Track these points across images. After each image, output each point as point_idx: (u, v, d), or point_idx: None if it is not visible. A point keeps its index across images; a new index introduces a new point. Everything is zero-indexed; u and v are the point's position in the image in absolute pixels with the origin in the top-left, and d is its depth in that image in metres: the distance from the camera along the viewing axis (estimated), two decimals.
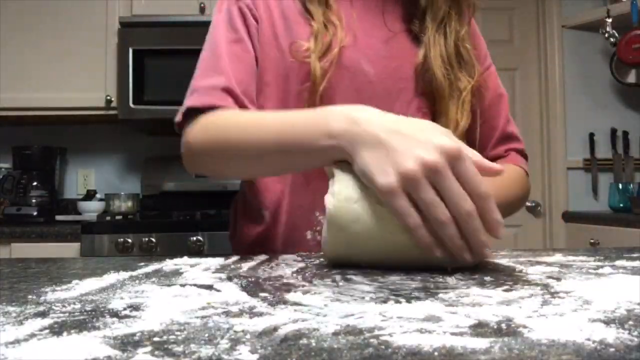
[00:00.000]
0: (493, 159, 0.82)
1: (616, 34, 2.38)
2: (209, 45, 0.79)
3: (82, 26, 2.23)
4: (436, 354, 0.27)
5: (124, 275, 0.53)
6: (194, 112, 0.72)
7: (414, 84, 0.79)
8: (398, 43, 0.80)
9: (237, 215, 0.90)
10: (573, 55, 2.60)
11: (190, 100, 0.73)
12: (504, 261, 0.59)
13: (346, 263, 0.55)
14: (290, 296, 0.42)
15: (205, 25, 0.85)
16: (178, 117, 0.75)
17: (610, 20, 2.38)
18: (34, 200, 2.26)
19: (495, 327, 0.32)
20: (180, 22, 2.16)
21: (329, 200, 0.52)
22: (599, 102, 2.60)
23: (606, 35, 2.40)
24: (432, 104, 0.79)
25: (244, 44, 0.77)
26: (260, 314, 0.36)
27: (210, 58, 0.76)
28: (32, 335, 0.31)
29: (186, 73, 0.75)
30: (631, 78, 2.52)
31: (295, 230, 0.79)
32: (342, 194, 0.52)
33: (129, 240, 1.87)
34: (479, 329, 0.32)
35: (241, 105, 0.73)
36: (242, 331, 0.32)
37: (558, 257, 0.63)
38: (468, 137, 0.79)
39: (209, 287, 0.46)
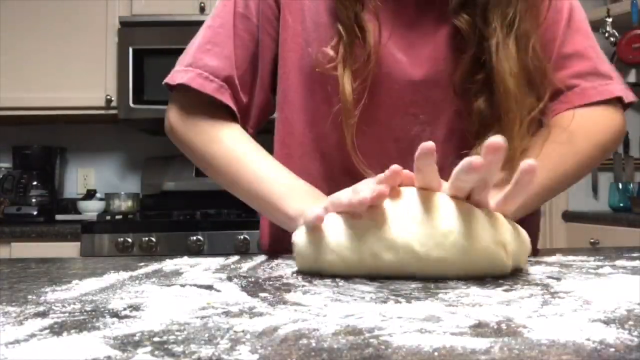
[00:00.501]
0: (554, 96, 0.67)
1: (616, 34, 2.38)
2: (217, 16, 0.73)
3: (82, 26, 2.22)
4: (436, 354, 0.27)
5: (124, 275, 0.53)
6: (187, 89, 0.70)
7: (453, 96, 0.66)
8: (441, 43, 0.67)
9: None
10: None
11: (187, 76, 0.70)
12: None
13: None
14: (290, 296, 0.42)
15: None
16: (170, 80, 0.73)
17: (610, 19, 2.38)
18: (34, 200, 2.26)
19: (495, 327, 0.32)
20: (180, 22, 2.16)
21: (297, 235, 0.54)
22: None
23: (606, 34, 2.40)
24: (468, 123, 0.65)
25: (250, 23, 0.71)
26: (260, 314, 0.36)
27: (214, 31, 0.71)
28: (32, 336, 0.31)
29: None
30: (631, 78, 2.52)
31: None
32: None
33: (129, 240, 1.87)
34: (479, 329, 0.32)
35: (237, 100, 0.71)
36: (242, 331, 0.32)
37: (558, 257, 0.63)
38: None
39: (209, 287, 0.46)
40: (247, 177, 0.66)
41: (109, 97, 2.19)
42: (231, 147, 0.68)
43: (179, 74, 0.72)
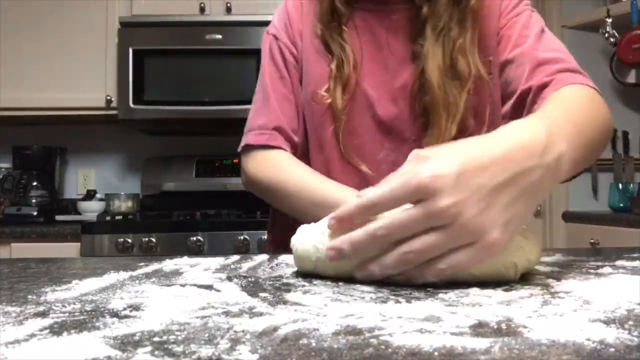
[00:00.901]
0: (537, 93, 0.75)
1: (616, 34, 2.38)
2: (260, 83, 0.89)
3: (82, 26, 2.22)
4: (436, 354, 0.27)
5: (124, 275, 0.53)
6: (251, 148, 0.86)
7: (411, 101, 0.81)
8: (400, 65, 0.82)
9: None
10: (573, 55, 2.59)
11: (247, 138, 0.86)
12: None
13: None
14: (290, 296, 0.42)
15: (205, 25, 0.87)
16: (240, 148, 0.88)
17: (610, 20, 2.38)
18: (34, 200, 2.26)
19: (495, 327, 0.32)
20: (180, 22, 2.16)
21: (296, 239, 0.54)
22: None
23: (606, 35, 2.40)
24: (425, 118, 0.80)
25: (286, 80, 0.86)
26: (260, 314, 0.36)
27: (262, 98, 0.87)
28: (32, 335, 0.31)
29: (186, 73, 0.77)
30: (631, 78, 2.51)
31: None
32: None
33: (129, 240, 1.87)
34: (479, 329, 0.32)
35: (290, 141, 0.85)
36: (242, 331, 0.32)
37: (558, 257, 0.63)
38: (476, 115, 0.79)
39: (209, 287, 0.46)
40: (312, 192, 0.78)
41: (109, 97, 2.19)
42: (291, 172, 0.82)
43: (243, 140, 0.87)
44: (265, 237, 1.12)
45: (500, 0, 0.84)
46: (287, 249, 0.55)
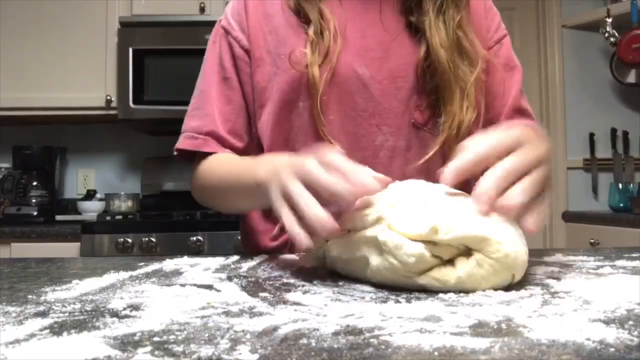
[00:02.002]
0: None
1: (616, 34, 2.38)
2: (200, 83, 0.84)
3: (82, 26, 2.22)
4: (436, 353, 0.27)
5: (124, 275, 0.53)
6: (185, 154, 0.82)
7: (413, 80, 0.75)
8: (395, 41, 0.77)
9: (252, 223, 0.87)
10: (573, 55, 2.60)
11: (180, 142, 0.82)
12: None
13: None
14: (290, 296, 0.42)
15: (205, 25, 0.87)
16: (175, 152, 0.84)
17: (610, 20, 2.38)
18: (34, 200, 2.26)
19: (495, 327, 0.32)
20: (180, 22, 2.16)
21: None
22: (599, 102, 2.60)
23: (606, 35, 2.40)
24: (433, 99, 0.75)
25: (231, 82, 0.81)
26: (260, 314, 0.36)
27: (199, 98, 0.83)
28: (32, 335, 0.31)
29: (186, 73, 0.76)
30: (631, 78, 2.52)
31: None
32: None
33: (129, 240, 1.86)
34: (479, 328, 0.32)
35: (225, 144, 0.80)
36: (242, 331, 0.32)
37: (558, 257, 0.63)
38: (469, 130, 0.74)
39: (209, 287, 0.46)
40: (223, 173, 0.76)
41: (109, 97, 2.19)
42: (217, 166, 0.78)
43: (178, 142, 0.83)
44: None
45: (483, 3, 0.83)
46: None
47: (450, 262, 0.45)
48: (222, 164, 0.78)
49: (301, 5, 0.76)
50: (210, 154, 0.79)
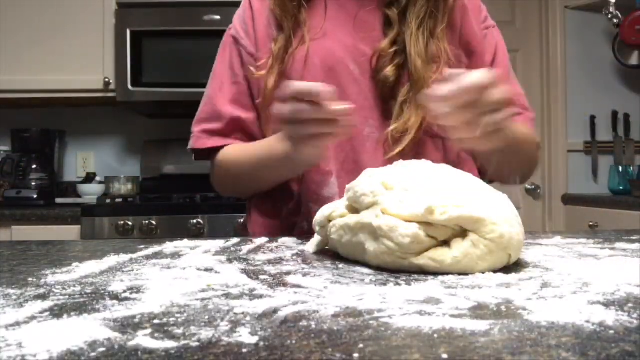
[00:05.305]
0: None
1: (619, 15, 2.35)
2: (212, 83, 0.89)
3: (79, 8, 2.19)
4: (436, 335, 0.27)
5: (124, 257, 0.53)
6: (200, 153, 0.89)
7: (393, 82, 0.81)
8: (375, 45, 0.81)
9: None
10: (575, 36, 2.57)
11: (193, 141, 0.88)
12: None
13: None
14: (290, 278, 0.42)
15: (204, 5, 0.86)
16: (189, 149, 0.90)
17: (613, 0, 2.35)
18: (33, 183, 2.25)
19: (494, 309, 0.32)
20: (178, 3, 2.13)
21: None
22: (600, 84, 2.58)
23: (609, 16, 2.37)
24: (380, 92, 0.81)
25: (239, 86, 0.85)
26: (260, 296, 0.36)
27: (210, 101, 0.87)
28: (33, 318, 0.31)
29: (184, 54, 0.78)
30: (634, 60, 2.49)
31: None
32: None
33: (129, 223, 1.87)
34: (479, 311, 0.32)
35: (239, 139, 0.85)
36: (242, 313, 0.32)
37: (557, 240, 0.63)
38: None
39: (209, 270, 0.46)
40: (249, 155, 0.83)
41: (107, 79, 2.18)
42: (235, 153, 0.85)
43: (190, 142, 0.89)
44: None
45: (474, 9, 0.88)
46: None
47: (446, 243, 0.45)
48: (243, 149, 0.84)
49: (278, 13, 0.83)
50: (221, 147, 0.85)
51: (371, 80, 0.81)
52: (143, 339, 0.27)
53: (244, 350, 0.25)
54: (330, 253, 0.54)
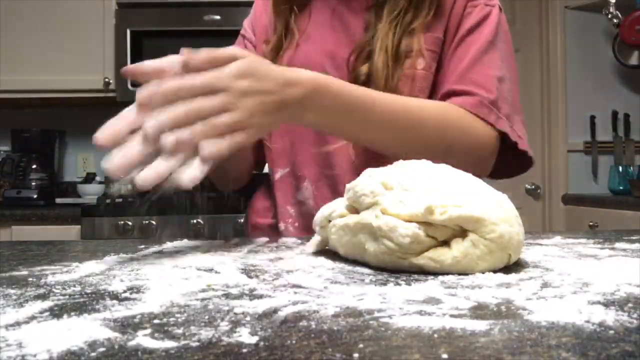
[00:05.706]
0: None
1: (619, 15, 2.35)
2: None
3: (79, 8, 2.20)
4: (436, 336, 0.27)
5: (124, 257, 0.53)
6: None
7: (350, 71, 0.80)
8: (349, 36, 0.81)
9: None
10: (575, 36, 2.57)
11: None
12: None
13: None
14: (290, 278, 0.42)
15: (204, 5, 0.87)
16: None
17: (613, 0, 2.35)
18: (33, 184, 2.26)
19: (494, 309, 0.32)
20: (178, 3, 2.13)
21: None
22: (600, 84, 2.58)
23: (609, 16, 2.37)
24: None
25: None
26: (260, 296, 0.36)
27: None
28: (32, 318, 0.31)
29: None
30: (634, 60, 2.49)
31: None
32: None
33: (129, 223, 1.87)
34: (479, 311, 0.32)
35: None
36: (242, 313, 0.32)
37: (557, 240, 0.63)
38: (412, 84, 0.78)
39: (209, 270, 0.46)
40: None
41: (107, 79, 2.18)
42: None
43: None
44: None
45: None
46: (263, 230, 0.56)
47: (446, 243, 0.45)
48: None
49: (273, 16, 0.85)
50: None
51: (348, 81, 0.79)
52: (143, 339, 0.27)
53: (244, 350, 0.25)
54: (330, 253, 0.54)
